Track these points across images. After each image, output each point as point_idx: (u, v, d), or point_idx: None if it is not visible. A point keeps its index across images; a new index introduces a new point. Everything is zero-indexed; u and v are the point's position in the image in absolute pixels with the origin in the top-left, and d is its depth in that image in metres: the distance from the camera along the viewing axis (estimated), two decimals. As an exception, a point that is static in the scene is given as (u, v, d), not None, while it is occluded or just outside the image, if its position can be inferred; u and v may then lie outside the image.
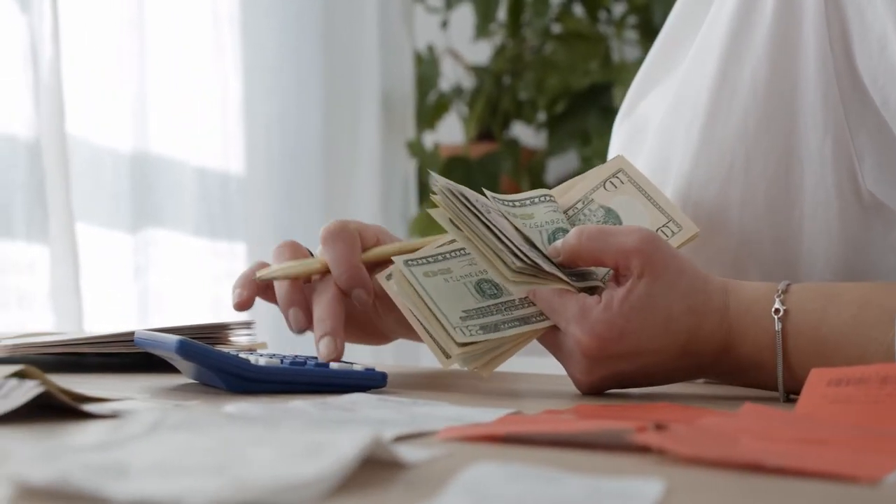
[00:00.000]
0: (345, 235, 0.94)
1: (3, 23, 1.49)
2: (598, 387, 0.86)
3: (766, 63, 0.93)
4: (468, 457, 0.55)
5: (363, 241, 0.95)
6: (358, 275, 0.92)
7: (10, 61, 1.50)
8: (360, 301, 0.92)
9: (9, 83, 1.49)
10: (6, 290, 1.47)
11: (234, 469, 0.44)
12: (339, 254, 0.93)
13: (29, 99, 1.51)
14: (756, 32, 0.94)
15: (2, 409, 0.61)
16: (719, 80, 0.96)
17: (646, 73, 1.15)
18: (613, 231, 0.85)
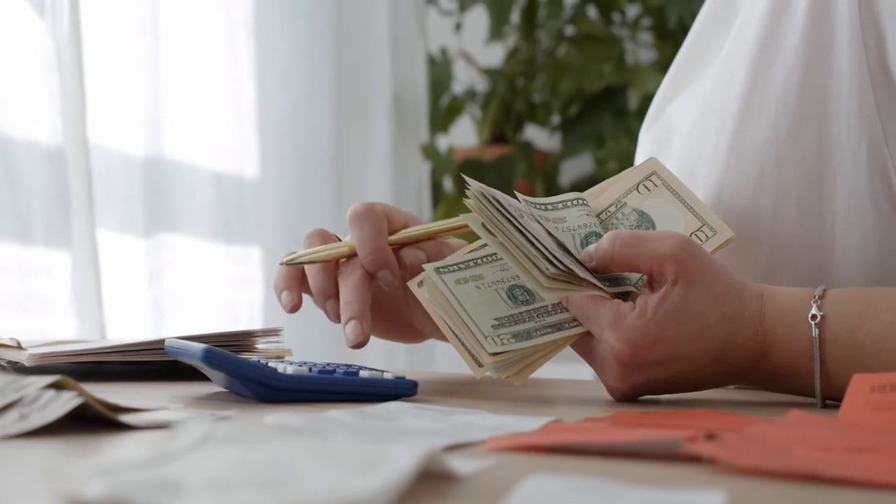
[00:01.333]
0: (371, 217, 0.93)
1: (24, 28, 1.48)
2: (632, 394, 0.85)
3: (799, 69, 0.92)
4: (519, 468, 0.54)
5: (391, 223, 0.94)
6: (384, 256, 0.92)
7: (32, 66, 1.49)
8: (386, 282, 0.92)
9: (30, 88, 1.49)
10: (26, 295, 1.47)
11: (290, 484, 0.43)
12: (366, 235, 0.92)
13: (50, 105, 1.50)
14: (788, 38, 0.93)
15: (41, 421, 0.60)
16: (750, 86, 0.95)
17: (672, 79, 1.14)
18: (648, 236, 0.84)
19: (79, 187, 1.55)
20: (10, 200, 1.44)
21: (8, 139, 1.46)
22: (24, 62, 1.48)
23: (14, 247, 1.46)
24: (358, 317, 0.90)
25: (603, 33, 2.50)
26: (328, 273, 0.94)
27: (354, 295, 0.91)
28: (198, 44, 1.92)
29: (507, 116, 2.56)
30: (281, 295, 0.95)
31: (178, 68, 1.87)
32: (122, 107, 1.76)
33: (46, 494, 0.44)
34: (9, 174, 1.45)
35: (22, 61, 1.48)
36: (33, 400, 0.63)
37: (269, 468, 0.44)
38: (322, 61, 2.22)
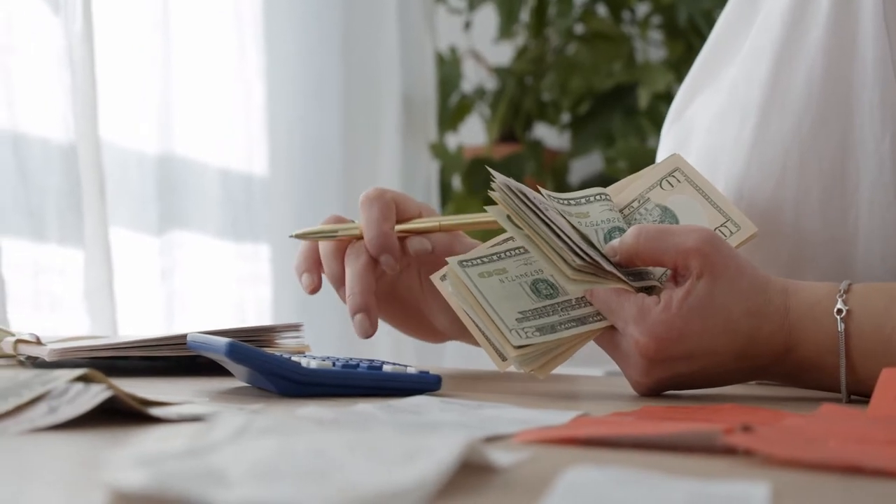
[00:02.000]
0: (380, 201, 0.95)
1: (38, 25, 1.48)
2: (656, 388, 0.84)
3: (822, 62, 0.92)
4: (554, 460, 0.54)
5: (403, 211, 0.96)
6: (387, 241, 0.93)
7: (46, 63, 1.49)
8: (388, 266, 0.94)
9: (44, 85, 1.48)
10: (39, 293, 1.46)
11: (333, 475, 0.42)
12: (372, 218, 0.94)
13: (63, 102, 1.50)
14: (811, 31, 0.93)
15: (70, 414, 0.60)
16: (773, 81, 0.95)
17: (693, 79, 1.14)
18: (672, 230, 0.83)
19: (91, 185, 1.55)
20: (24, 197, 1.44)
21: (21, 136, 1.45)
22: (37, 59, 1.48)
23: (28, 244, 1.45)
24: (363, 309, 0.91)
25: (612, 31, 2.49)
26: (339, 260, 0.95)
27: (358, 284, 0.93)
28: (208, 42, 1.92)
29: (516, 115, 2.55)
30: (302, 277, 0.96)
31: (189, 66, 1.87)
32: (133, 105, 1.75)
33: (89, 484, 0.44)
34: (22, 171, 1.44)
35: (36, 58, 1.48)
36: (61, 393, 0.62)
37: (310, 459, 0.44)
38: (331, 60, 2.22)
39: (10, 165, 1.43)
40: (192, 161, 1.87)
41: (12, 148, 1.43)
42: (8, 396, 0.62)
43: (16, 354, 0.98)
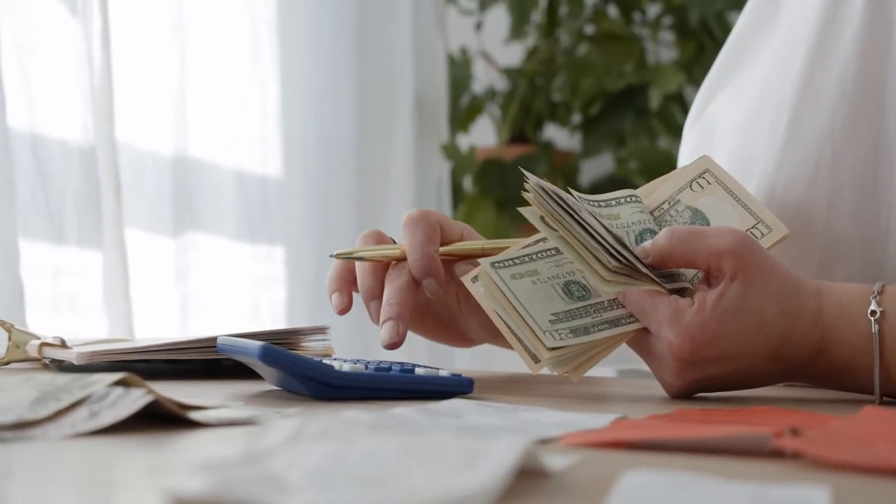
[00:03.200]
0: (425, 224, 0.93)
1: (57, 26, 1.48)
2: (688, 391, 0.84)
3: (856, 62, 0.92)
4: (605, 464, 0.54)
5: (446, 234, 0.94)
6: (431, 264, 0.91)
7: (64, 64, 1.48)
8: (431, 291, 0.92)
9: (62, 87, 1.48)
10: (58, 295, 1.46)
11: (393, 480, 0.42)
12: (417, 241, 0.92)
13: (82, 103, 1.50)
14: (845, 31, 0.93)
15: (113, 418, 0.59)
16: (805, 80, 0.94)
17: (715, 76, 1.14)
18: (705, 232, 0.83)
19: (108, 186, 1.54)
20: (44, 199, 1.44)
21: (41, 137, 1.45)
22: (57, 60, 1.48)
23: (47, 246, 1.45)
24: (395, 318, 0.90)
25: (623, 32, 2.49)
26: (376, 274, 0.93)
27: (396, 297, 0.90)
28: (222, 44, 1.91)
29: (526, 116, 2.55)
30: (332, 296, 0.94)
31: (204, 68, 1.86)
32: (148, 106, 1.75)
33: (147, 490, 0.44)
34: (42, 173, 1.44)
35: (55, 59, 1.48)
36: (101, 397, 0.62)
37: (368, 464, 0.43)
38: (344, 61, 2.22)
39: (30, 167, 1.42)
40: (206, 163, 1.87)
41: (32, 149, 1.43)
42: (48, 401, 0.62)
43: (40, 358, 0.97)
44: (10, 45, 1.41)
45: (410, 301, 0.91)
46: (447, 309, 0.98)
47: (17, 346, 0.97)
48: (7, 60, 1.39)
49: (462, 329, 1.00)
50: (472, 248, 0.94)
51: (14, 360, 0.98)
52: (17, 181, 1.40)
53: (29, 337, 0.98)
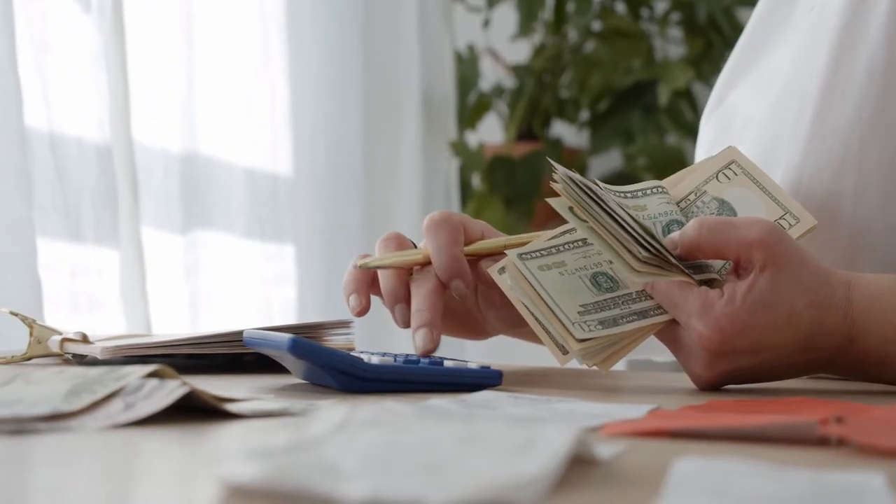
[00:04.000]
0: (448, 226, 0.92)
1: (72, 24, 1.47)
2: (717, 382, 0.83)
3: (884, 51, 0.91)
4: (649, 452, 0.53)
5: (467, 234, 0.93)
6: (458, 266, 0.91)
7: (80, 62, 1.48)
8: (459, 293, 0.91)
9: (78, 84, 1.48)
10: (76, 293, 1.45)
11: (449, 468, 0.41)
12: (441, 243, 0.91)
13: (98, 101, 1.49)
14: (872, 20, 0.92)
15: (149, 410, 0.59)
16: (832, 69, 0.94)
17: (732, 67, 1.13)
18: (734, 223, 0.82)
19: (124, 185, 1.54)
20: (62, 198, 1.43)
21: (58, 135, 1.45)
22: (72, 57, 1.47)
23: (65, 244, 1.45)
24: (428, 325, 0.89)
25: (631, 28, 2.48)
26: (400, 277, 0.92)
27: (426, 302, 0.90)
28: (232, 42, 1.91)
29: (534, 113, 2.54)
30: (349, 298, 0.93)
31: (214, 67, 1.86)
32: (160, 105, 1.74)
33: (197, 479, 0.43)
34: (59, 171, 1.43)
35: (71, 56, 1.47)
36: (135, 389, 0.61)
37: (423, 451, 0.43)
38: (352, 59, 2.21)
39: (47, 165, 1.42)
40: (216, 160, 1.87)
41: (50, 147, 1.42)
42: (82, 393, 0.61)
43: (62, 353, 0.97)
44: (27, 41, 1.41)
45: (439, 305, 0.90)
46: (464, 304, 0.98)
47: (38, 342, 0.97)
48: (23, 57, 1.39)
49: (478, 323, 0.99)
50: (495, 245, 0.93)
51: (36, 356, 0.97)
52: (35, 180, 1.39)
53: (50, 332, 0.97)
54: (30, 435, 0.55)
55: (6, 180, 1.34)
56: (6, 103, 1.35)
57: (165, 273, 1.72)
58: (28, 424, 0.57)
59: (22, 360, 0.97)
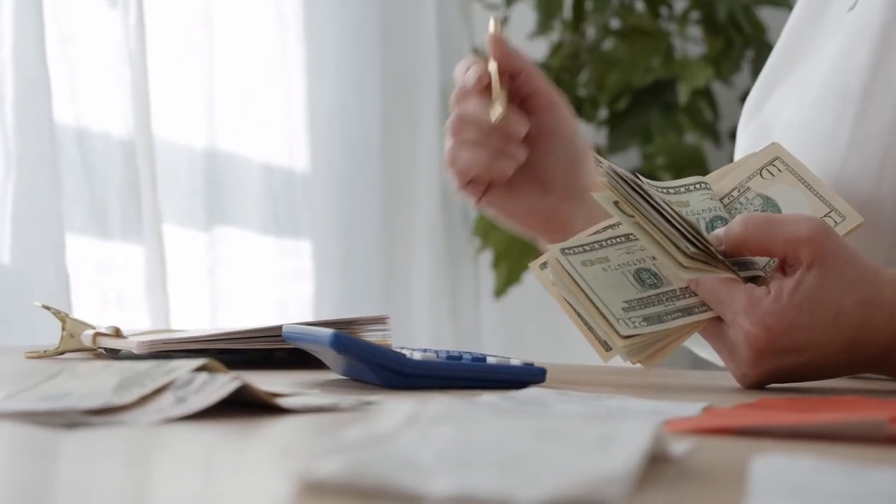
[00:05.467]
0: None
1: (98, 18, 1.47)
2: (762, 381, 0.82)
3: None
4: (716, 450, 0.52)
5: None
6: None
7: (105, 57, 1.47)
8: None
9: (104, 78, 1.47)
10: (104, 289, 1.45)
11: (529, 464, 0.40)
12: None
13: (122, 96, 1.49)
14: None
15: (201, 404, 0.58)
16: (872, 73, 0.93)
17: (769, 74, 1.13)
18: (781, 219, 0.81)
19: (147, 180, 1.53)
20: (89, 193, 1.43)
21: (85, 130, 1.44)
22: (97, 51, 1.47)
23: (92, 240, 1.44)
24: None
25: (650, 27, 2.47)
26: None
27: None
28: (251, 38, 1.90)
29: (552, 111, 2.52)
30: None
31: (232, 63, 1.85)
32: (179, 100, 1.74)
33: (274, 473, 0.42)
34: (86, 165, 1.43)
35: (96, 50, 1.47)
36: (186, 383, 0.60)
37: (500, 447, 0.42)
38: (369, 56, 2.20)
39: (75, 159, 1.41)
40: (235, 156, 1.86)
41: (76, 142, 1.42)
42: (131, 387, 0.60)
43: (95, 347, 0.96)
44: (55, 35, 1.40)
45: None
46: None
47: (71, 336, 0.96)
48: (51, 51, 1.38)
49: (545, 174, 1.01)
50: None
51: (68, 350, 0.96)
52: (63, 174, 1.38)
53: (83, 326, 0.96)
54: (84, 429, 0.54)
55: (36, 174, 1.34)
56: (35, 97, 1.35)
57: (189, 269, 1.72)
58: (81, 418, 0.56)
59: (55, 354, 0.96)
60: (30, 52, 1.37)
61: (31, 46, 1.37)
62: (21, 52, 1.37)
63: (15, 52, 1.37)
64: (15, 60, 1.38)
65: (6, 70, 1.37)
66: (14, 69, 1.37)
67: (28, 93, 1.37)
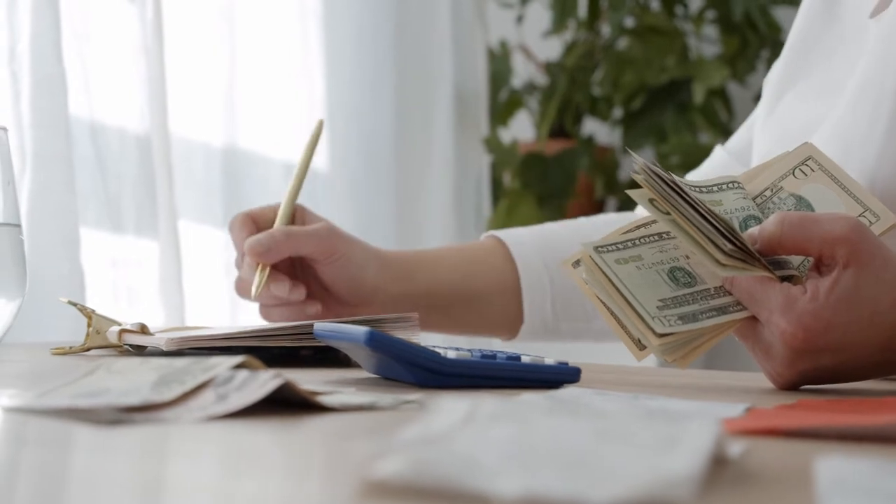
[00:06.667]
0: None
1: (115, 13, 1.46)
2: (797, 381, 0.82)
3: None
4: (767, 451, 0.51)
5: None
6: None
7: (121, 52, 1.47)
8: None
9: (120, 74, 1.46)
10: (117, 284, 1.44)
11: (593, 463, 0.40)
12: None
13: (139, 91, 1.48)
14: None
15: (243, 402, 0.57)
16: None
17: (779, 79, 1.13)
18: (817, 218, 0.80)
19: (162, 176, 1.53)
20: (103, 188, 1.42)
21: (99, 125, 1.43)
22: (113, 47, 1.46)
23: (106, 235, 1.43)
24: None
25: (665, 26, 2.46)
26: None
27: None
28: (269, 34, 1.89)
29: (565, 110, 2.52)
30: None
31: (251, 58, 1.84)
32: (200, 97, 1.73)
33: (332, 473, 0.41)
34: (101, 161, 1.42)
35: (112, 46, 1.46)
36: (226, 380, 0.60)
37: (561, 447, 0.41)
38: (385, 54, 2.20)
39: (89, 154, 1.41)
40: (253, 154, 1.85)
41: (90, 137, 1.41)
42: (171, 383, 0.60)
43: (121, 344, 0.95)
44: (71, 30, 1.40)
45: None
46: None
47: (97, 332, 0.95)
48: (67, 47, 1.37)
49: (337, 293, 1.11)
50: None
51: (94, 347, 0.96)
52: (78, 170, 1.38)
53: (109, 323, 0.96)
54: (127, 426, 0.54)
55: (51, 168, 1.33)
56: (52, 93, 1.34)
57: (206, 267, 1.71)
58: (122, 415, 0.56)
59: (80, 350, 0.95)
60: (46, 47, 1.36)
61: (48, 42, 1.36)
62: (37, 47, 1.37)
63: (31, 47, 1.37)
64: (31, 55, 1.37)
65: (23, 65, 1.37)
66: (31, 64, 1.37)
67: (44, 88, 1.36)
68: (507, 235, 1.21)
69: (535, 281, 1.19)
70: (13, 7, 1.36)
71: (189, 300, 1.61)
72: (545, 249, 1.20)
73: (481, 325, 1.22)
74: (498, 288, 1.19)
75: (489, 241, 1.22)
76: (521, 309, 1.20)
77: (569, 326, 1.20)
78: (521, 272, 1.19)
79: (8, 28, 1.35)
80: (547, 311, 1.19)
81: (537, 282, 1.19)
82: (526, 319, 1.19)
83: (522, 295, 1.19)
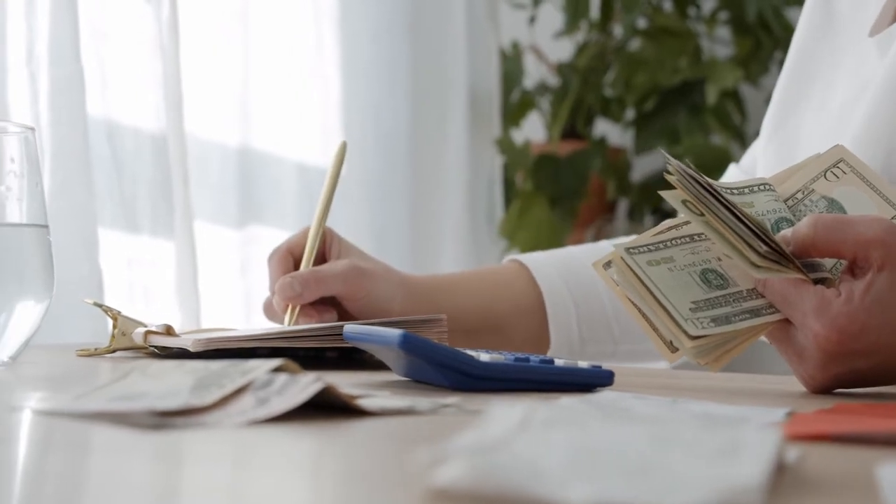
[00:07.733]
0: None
1: (131, 11, 1.46)
2: (830, 385, 0.81)
3: None
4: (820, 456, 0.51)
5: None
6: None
7: (137, 51, 1.46)
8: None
9: (136, 73, 1.46)
10: (133, 284, 1.44)
11: (655, 470, 0.39)
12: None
13: (154, 91, 1.48)
14: None
15: (285, 406, 0.57)
16: None
17: (783, 94, 1.13)
18: (851, 220, 0.80)
19: (178, 176, 1.52)
20: (118, 187, 1.42)
21: (115, 124, 1.43)
22: (130, 46, 1.46)
23: (122, 234, 1.43)
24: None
25: (678, 27, 2.45)
26: None
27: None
28: (285, 34, 1.89)
29: (577, 111, 2.52)
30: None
31: (267, 59, 1.84)
32: (215, 97, 1.73)
33: (386, 479, 0.41)
34: (117, 160, 1.42)
35: (128, 45, 1.46)
36: (266, 384, 0.59)
37: (621, 453, 0.41)
38: (400, 54, 2.19)
39: (105, 154, 1.40)
40: (269, 154, 1.85)
41: (107, 137, 1.40)
42: (209, 387, 0.59)
43: (146, 346, 0.95)
44: (89, 31, 1.39)
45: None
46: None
47: (123, 334, 0.95)
48: (85, 47, 1.37)
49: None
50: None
51: (120, 348, 0.95)
52: (95, 170, 1.37)
53: (135, 324, 0.95)
54: (169, 430, 0.53)
55: (70, 168, 1.33)
56: (70, 92, 1.34)
57: (221, 267, 1.71)
58: (162, 419, 0.55)
59: (105, 352, 0.95)
60: (64, 47, 1.36)
61: (66, 42, 1.36)
62: (56, 47, 1.37)
63: (50, 48, 1.37)
64: (50, 56, 1.37)
65: (41, 66, 1.37)
66: (49, 65, 1.36)
67: (62, 88, 1.36)
68: (529, 259, 1.20)
69: (559, 304, 1.18)
70: (31, 8, 1.35)
71: (204, 300, 1.60)
72: (567, 273, 1.19)
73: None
74: (522, 311, 1.18)
75: (511, 265, 1.21)
76: (546, 332, 1.18)
77: (595, 349, 1.19)
78: (545, 295, 1.18)
79: (26, 28, 1.35)
80: (573, 334, 1.19)
81: (562, 305, 1.18)
82: (553, 342, 1.18)
83: (548, 318, 1.18)
